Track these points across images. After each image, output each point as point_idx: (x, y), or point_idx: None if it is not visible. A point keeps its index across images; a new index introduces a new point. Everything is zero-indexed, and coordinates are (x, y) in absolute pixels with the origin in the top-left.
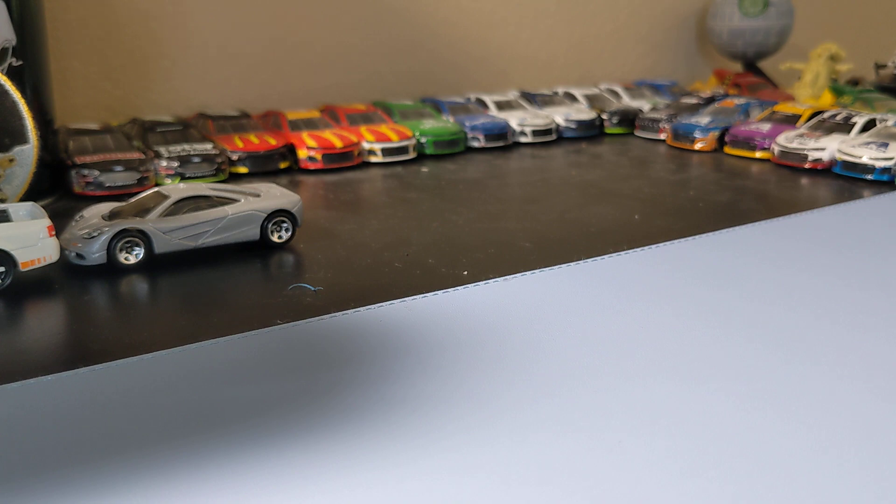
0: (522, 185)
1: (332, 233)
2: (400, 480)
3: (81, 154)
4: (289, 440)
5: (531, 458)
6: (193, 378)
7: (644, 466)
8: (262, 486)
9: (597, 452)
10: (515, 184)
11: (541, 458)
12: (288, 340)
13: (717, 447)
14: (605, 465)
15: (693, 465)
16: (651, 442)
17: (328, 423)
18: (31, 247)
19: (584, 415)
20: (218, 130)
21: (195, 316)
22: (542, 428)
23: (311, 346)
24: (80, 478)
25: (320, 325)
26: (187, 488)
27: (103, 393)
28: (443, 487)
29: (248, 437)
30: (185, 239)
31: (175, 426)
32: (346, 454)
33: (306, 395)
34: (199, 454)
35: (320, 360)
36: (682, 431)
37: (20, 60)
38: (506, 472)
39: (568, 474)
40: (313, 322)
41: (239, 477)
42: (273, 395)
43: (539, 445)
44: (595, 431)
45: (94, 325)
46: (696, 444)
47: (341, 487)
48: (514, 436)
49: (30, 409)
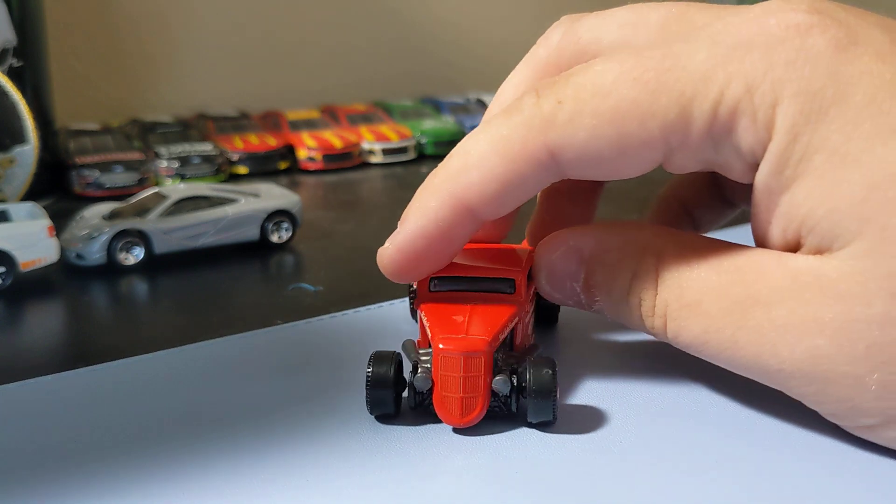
0: None
1: (332, 233)
2: (400, 481)
3: (81, 154)
4: (289, 440)
5: (531, 459)
6: (193, 378)
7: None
8: (262, 485)
9: (597, 452)
10: None
11: (540, 458)
12: (288, 340)
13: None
14: (606, 465)
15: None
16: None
17: (328, 423)
18: (31, 247)
19: (586, 414)
20: (218, 131)
21: (195, 316)
22: (542, 427)
23: (311, 346)
24: (79, 477)
25: (320, 325)
26: (187, 488)
27: (103, 393)
28: (443, 487)
29: (247, 437)
30: (185, 239)
31: (175, 426)
32: (347, 454)
33: (306, 395)
34: (199, 454)
35: (320, 360)
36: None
37: (20, 61)
38: (506, 472)
39: (568, 475)
40: (313, 322)
41: (239, 476)
42: (273, 395)
43: (539, 445)
44: (596, 430)
45: (94, 325)
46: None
47: (342, 487)
48: (514, 436)
49: (30, 409)
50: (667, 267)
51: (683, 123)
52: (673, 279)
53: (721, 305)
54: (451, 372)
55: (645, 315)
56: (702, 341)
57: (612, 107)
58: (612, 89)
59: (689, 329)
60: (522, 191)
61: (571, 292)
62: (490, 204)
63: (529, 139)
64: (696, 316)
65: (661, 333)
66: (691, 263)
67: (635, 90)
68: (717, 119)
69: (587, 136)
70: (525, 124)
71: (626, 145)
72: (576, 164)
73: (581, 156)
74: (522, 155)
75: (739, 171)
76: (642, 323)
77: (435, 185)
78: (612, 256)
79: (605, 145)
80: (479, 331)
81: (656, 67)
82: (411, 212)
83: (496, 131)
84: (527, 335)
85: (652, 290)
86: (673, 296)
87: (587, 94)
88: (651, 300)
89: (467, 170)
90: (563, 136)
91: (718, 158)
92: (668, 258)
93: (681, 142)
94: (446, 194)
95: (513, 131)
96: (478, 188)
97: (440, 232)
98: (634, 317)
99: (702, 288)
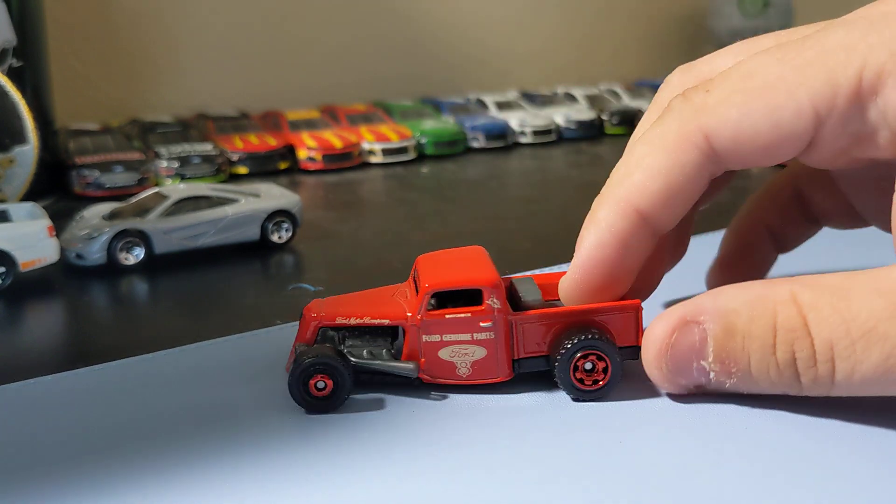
0: (522, 186)
1: (332, 233)
2: (400, 479)
3: (82, 154)
4: (288, 439)
5: (532, 459)
6: (193, 378)
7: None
8: (262, 485)
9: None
10: (515, 184)
11: (541, 459)
12: (288, 340)
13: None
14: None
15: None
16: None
17: (328, 423)
18: (31, 247)
19: (584, 412)
20: (218, 131)
21: (195, 316)
22: (542, 428)
23: None
24: (79, 477)
25: None
26: (187, 487)
27: (103, 393)
28: (444, 487)
29: (247, 437)
30: (185, 239)
31: (175, 426)
32: (347, 453)
33: None
34: (199, 453)
35: None
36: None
37: (20, 61)
38: (506, 471)
39: (567, 475)
40: None
41: (239, 476)
42: (273, 394)
43: (539, 445)
44: (597, 429)
45: (94, 325)
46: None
47: (341, 486)
48: (514, 435)
49: (30, 409)
50: (814, 308)
51: (830, 90)
52: (829, 318)
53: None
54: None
55: (803, 369)
56: (884, 370)
57: (760, 85)
58: (757, 70)
59: (866, 362)
60: (686, 185)
61: (699, 372)
62: (657, 203)
63: (684, 127)
64: (874, 344)
65: (825, 382)
66: (840, 296)
67: (780, 67)
68: (862, 83)
69: (739, 113)
70: (678, 117)
71: (779, 118)
72: (731, 146)
73: (737, 134)
74: (680, 144)
75: (887, 139)
76: (798, 381)
77: (602, 196)
78: (741, 319)
79: (758, 120)
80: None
81: (798, 48)
82: (585, 229)
83: (651, 134)
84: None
85: (806, 339)
86: (838, 334)
87: (735, 79)
88: (808, 349)
89: (630, 173)
90: (716, 117)
91: (866, 128)
92: (809, 300)
93: (829, 110)
94: (613, 201)
95: (667, 126)
96: (642, 187)
97: (615, 240)
98: (786, 376)
99: (870, 313)
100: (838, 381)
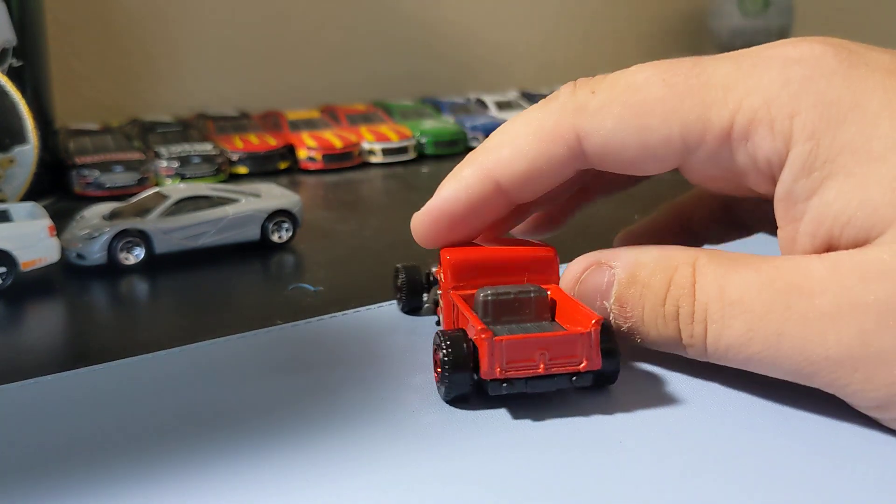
0: None
1: (332, 233)
2: (400, 482)
3: (82, 154)
4: (289, 440)
5: (532, 459)
6: (193, 378)
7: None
8: (263, 485)
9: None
10: None
11: (541, 459)
12: (288, 340)
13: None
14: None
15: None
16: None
17: (328, 423)
18: (31, 247)
19: (584, 411)
20: (218, 131)
21: (195, 316)
22: (542, 428)
23: (311, 346)
24: (79, 477)
25: (320, 325)
26: (187, 487)
27: (103, 393)
28: (444, 487)
29: (247, 437)
30: (186, 239)
31: (175, 426)
32: (347, 454)
33: (306, 395)
34: (199, 454)
35: (320, 360)
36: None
37: (20, 61)
38: (506, 471)
39: (567, 475)
40: (313, 322)
41: (239, 476)
42: (273, 394)
43: (539, 445)
44: (597, 430)
45: (94, 325)
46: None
47: (342, 488)
48: (514, 434)
49: (30, 409)
50: (704, 273)
51: (701, 127)
52: (711, 282)
53: (763, 299)
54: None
55: (683, 324)
56: (745, 340)
57: (639, 101)
58: (642, 86)
59: (731, 329)
60: (548, 173)
61: (601, 311)
62: (517, 181)
63: (561, 122)
64: (739, 314)
65: (699, 342)
66: (729, 267)
67: (663, 90)
68: (734, 127)
69: (614, 125)
70: (559, 109)
71: (647, 139)
72: (600, 152)
73: (606, 143)
74: (552, 136)
75: (755, 181)
76: (679, 335)
77: (470, 158)
78: (645, 270)
79: (628, 136)
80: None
81: (685, 73)
82: (447, 180)
83: (532, 115)
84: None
85: (690, 297)
86: (713, 297)
87: (620, 88)
88: (689, 306)
89: (500, 146)
90: (592, 122)
91: (735, 167)
92: (704, 265)
93: (697, 144)
94: (478, 166)
95: (547, 115)
96: (507, 163)
97: (469, 200)
98: (670, 329)
99: (742, 285)
100: (710, 345)
